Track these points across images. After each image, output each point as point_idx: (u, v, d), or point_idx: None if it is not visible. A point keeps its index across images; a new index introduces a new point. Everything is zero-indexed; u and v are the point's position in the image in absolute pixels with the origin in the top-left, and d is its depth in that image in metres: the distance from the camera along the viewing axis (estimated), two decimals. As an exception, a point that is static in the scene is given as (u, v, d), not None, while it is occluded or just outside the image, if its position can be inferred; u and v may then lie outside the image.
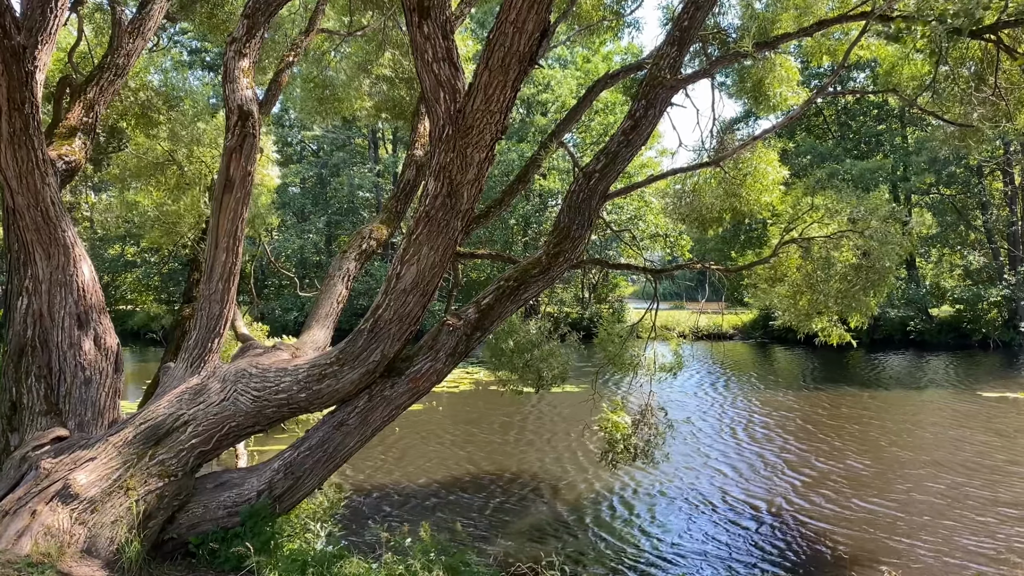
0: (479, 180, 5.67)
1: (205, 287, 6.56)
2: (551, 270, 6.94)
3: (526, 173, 10.02)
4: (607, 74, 10.23)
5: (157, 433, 5.93)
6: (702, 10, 6.80)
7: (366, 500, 11.33)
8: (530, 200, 39.90)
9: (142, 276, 41.09)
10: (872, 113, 37.84)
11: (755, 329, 38.82)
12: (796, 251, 8.99)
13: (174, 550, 5.94)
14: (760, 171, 9.37)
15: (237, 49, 6.54)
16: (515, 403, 19.04)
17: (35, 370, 6.29)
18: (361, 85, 11.20)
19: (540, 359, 9.31)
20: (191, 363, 6.50)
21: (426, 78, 5.22)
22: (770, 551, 9.37)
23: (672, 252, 39.46)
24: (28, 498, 5.27)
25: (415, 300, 6.08)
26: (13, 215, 6.15)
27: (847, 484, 11.99)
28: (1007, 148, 32.80)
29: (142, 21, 8.20)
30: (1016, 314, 31.83)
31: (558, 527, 10.24)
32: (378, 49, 11.02)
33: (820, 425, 16.59)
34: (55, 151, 7.23)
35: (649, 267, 10.06)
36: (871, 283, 8.34)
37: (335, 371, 6.26)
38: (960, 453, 13.86)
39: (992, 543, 9.42)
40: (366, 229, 9.26)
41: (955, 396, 20.23)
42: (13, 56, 5.20)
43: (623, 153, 6.79)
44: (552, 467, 13.35)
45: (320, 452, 6.42)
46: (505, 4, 4.77)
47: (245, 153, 6.30)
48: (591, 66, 40.26)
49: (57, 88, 8.54)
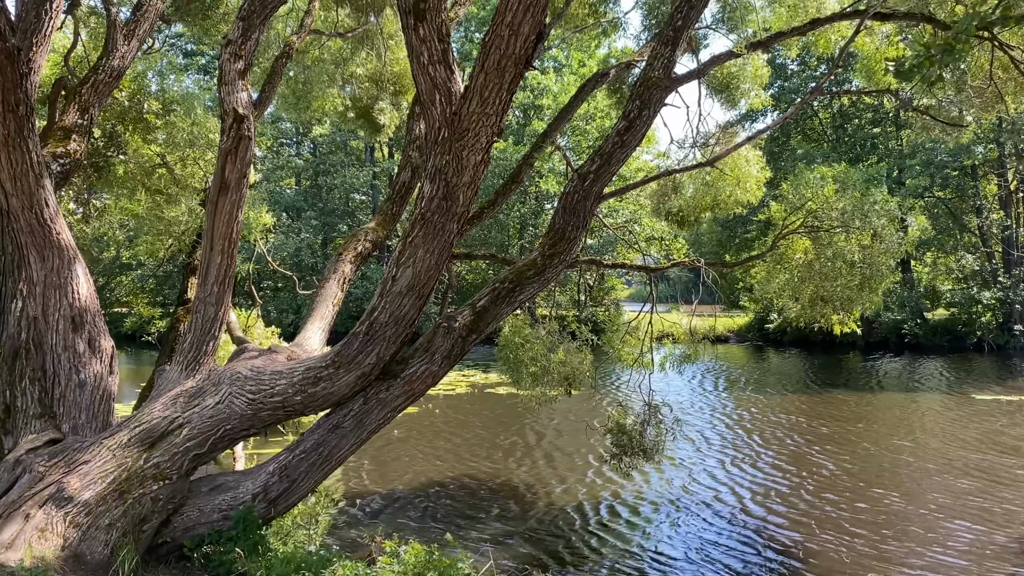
0: (475, 182, 5.68)
1: (200, 290, 6.55)
2: (546, 271, 6.95)
3: (519, 173, 10.04)
4: (598, 72, 10.26)
5: (152, 436, 5.91)
6: (695, 9, 6.82)
7: (361, 503, 11.31)
8: (526, 202, 39.94)
9: (137, 279, 40.95)
10: (867, 116, 37.97)
11: (750, 332, 38.93)
12: (798, 241, 8.97)
13: (169, 553, 5.91)
14: (744, 172, 9.43)
15: (233, 51, 6.53)
16: (512, 405, 19.04)
17: (29, 373, 6.27)
18: (334, 85, 11.31)
19: (560, 361, 9.32)
20: (186, 366, 6.49)
21: (422, 81, 5.22)
22: (762, 554, 9.37)
23: (668, 254, 39.54)
24: (22, 501, 5.25)
25: (411, 302, 6.07)
26: (7, 217, 6.13)
27: (840, 487, 12.01)
28: (1001, 150, 32.95)
29: (137, 23, 8.20)
30: (1011, 317, 31.93)
31: (553, 530, 10.23)
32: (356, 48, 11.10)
33: (814, 428, 16.62)
34: (50, 153, 7.22)
35: (645, 266, 10.09)
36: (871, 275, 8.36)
37: (330, 374, 6.26)
38: (954, 457, 13.89)
39: (986, 547, 9.44)
40: (361, 231, 9.26)
41: (949, 399, 20.28)
42: (8, 58, 5.19)
43: (618, 154, 6.80)
44: (548, 469, 13.34)
45: (315, 455, 6.41)
46: (501, 6, 4.77)
47: (240, 155, 6.29)
48: (586, 70, 40.32)
49: (52, 90, 8.53)
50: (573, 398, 17.10)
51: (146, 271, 39.84)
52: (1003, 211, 34.91)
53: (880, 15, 8.57)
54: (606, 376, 23.58)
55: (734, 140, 10.70)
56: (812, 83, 36.92)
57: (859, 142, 37.69)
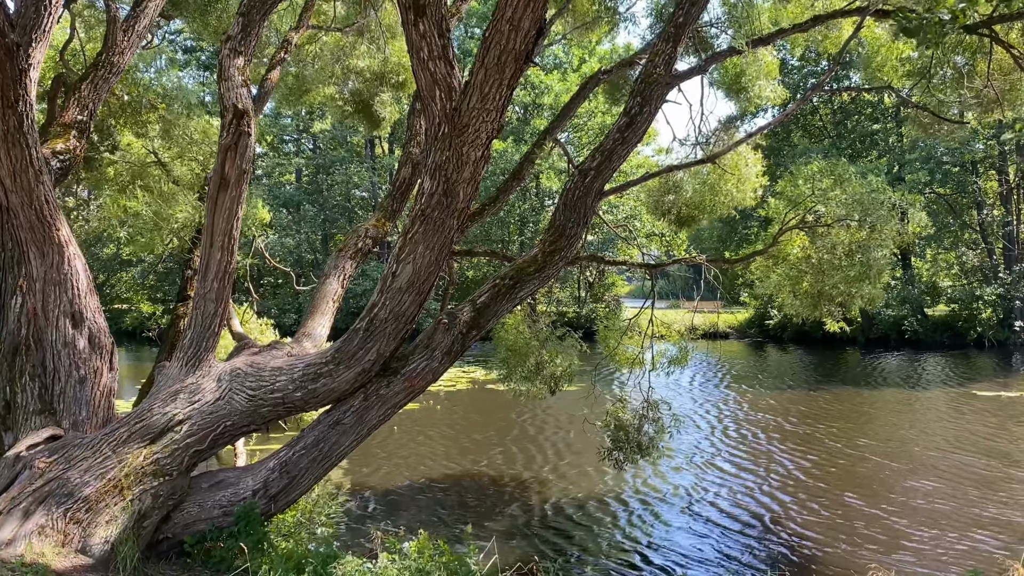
0: (475, 178, 5.66)
1: (200, 286, 6.53)
2: (547, 268, 6.94)
3: (520, 170, 10.01)
4: (600, 70, 10.23)
5: (152, 432, 5.90)
6: (697, 6, 6.79)
7: (362, 499, 11.32)
8: (527, 199, 39.90)
9: (137, 275, 40.96)
10: (866, 112, 37.93)
11: (750, 328, 38.95)
12: (797, 236, 8.95)
13: (169, 550, 5.91)
14: (743, 173, 9.41)
15: (232, 47, 6.51)
16: (513, 402, 19.05)
17: (29, 369, 6.26)
18: (332, 79, 11.31)
19: (548, 360, 9.32)
20: (186, 362, 6.48)
21: (422, 76, 5.20)
22: (761, 551, 9.38)
23: (668, 251, 39.57)
24: (22, 498, 5.25)
25: (411, 299, 6.06)
26: (7, 213, 6.12)
27: (840, 483, 12.02)
28: (1001, 146, 32.90)
29: (137, 18, 8.17)
30: (1011, 313, 31.91)
31: (554, 526, 10.24)
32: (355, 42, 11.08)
33: (814, 424, 16.62)
34: (49, 149, 7.20)
35: (645, 262, 10.07)
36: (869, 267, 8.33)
37: (331, 370, 6.25)
38: (954, 453, 13.90)
39: (985, 543, 9.45)
40: (362, 227, 9.24)
41: (950, 395, 20.29)
42: (7, 54, 5.17)
43: (619, 150, 6.78)
44: (550, 465, 13.35)
45: (315, 451, 6.40)
46: (501, 2, 4.75)
47: (240, 151, 6.27)
48: (588, 67, 40.27)
49: (52, 86, 8.51)
50: (574, 394, 17.11)
51: (146, 268, 39.83)
52: (1004, 207, 34.88)
53: (881, 12, 8.55)
54: (608, 372, 23.58)
55: (735, 137, 10.67)
56: (812, 80, 36.86)
57: (859, 138, 37.65)
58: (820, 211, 8.55)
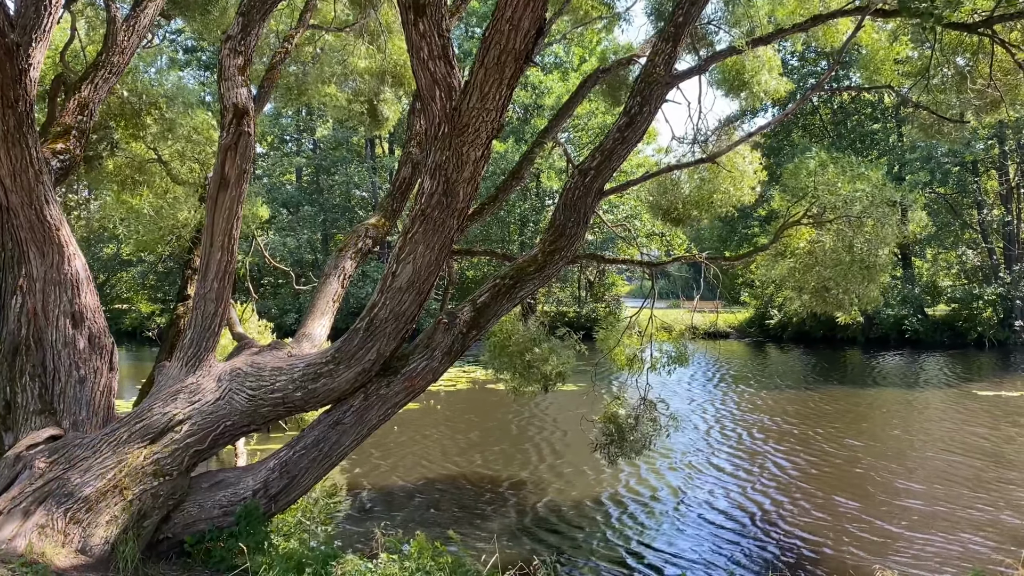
0: (475, 178, 5.66)
1: (201, 286, 6.53)
2: (547, 268, 6.94)
3: (520, 169, 10.01)
4: (599, 69, 10.22)
5: (152, 432, 5.91)
6: (696, 6, 6.80)
7: (362, 499, 11.32)
8: (527, 199, 39.90)
9: (137, 275, 40.97)
10: (866, 112, 37.92)
11: (750, 327, 38.95)
12: (805, 230, 8.91)
13: (169, 550, 5.92)
14: (741, 172, 9.40)
15: (232, 47, 6.51)
16: (513, 401, 19.02)
17: (29, 369, 6.26)
18: (332, 78, 11.34)
19: (541, 358, 9.31)
20: (187, 362, 6.48)
21: (422, 76, 5.20)
22: (760, 552, 9.38)
23: (668, 251, 39.58)
24: (22, 498, 5.25)
25: (411, 299, 6.07)
26: (7, 213, 6.12)
27: (839, 483, 12.01)
28: (1002, 146, 32.90)
29: (137, 18, 8.17)
30: (1011, 313, 31.91)
31: (553, 525, 10.24)
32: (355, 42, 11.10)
33: (814, 424, 16.62)
34: (49, 149, 7.20)
35: (645, 261, 10.07)
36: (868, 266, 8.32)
37: (331, 370, 6.25)
38: (955, 452, 13.89)
39: (985, 542, 9.44)
40: (362, 227, 9.24)
41: (950, 395, 20.28)
42: (7, 54, 5.17)
43: (619, 150, 6.79)
44: (549, 464, 13.35)
45: (315, 451, 6.41)
46: (501, 2, 4.75)
47: (240, 151, 6.28)
48: (588, 66, 40.25)
49: (52, 86, 8.51)
50: (573, 393, 17.11)
51: (146, 268, 39.86)
52: (1004, 207, 34.87)
53: (881, 12, 8.55)
54: (608, 370, 23.56)
55: (734, 136, 10.67)
56: (812, 79, 36.85)
57: (859, 138, 37.64)
58: (827, 201, 8.45)
